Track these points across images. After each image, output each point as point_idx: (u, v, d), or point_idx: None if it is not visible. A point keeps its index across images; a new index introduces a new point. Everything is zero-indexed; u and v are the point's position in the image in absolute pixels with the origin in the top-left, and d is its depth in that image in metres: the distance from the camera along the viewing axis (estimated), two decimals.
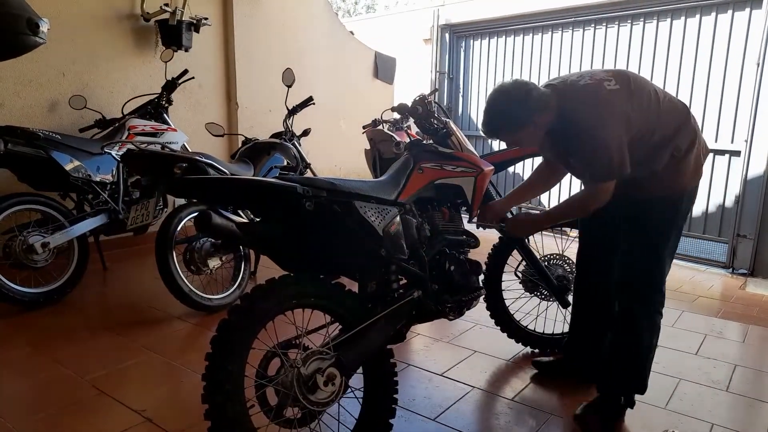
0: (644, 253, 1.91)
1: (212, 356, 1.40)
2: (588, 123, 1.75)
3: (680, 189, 1.88)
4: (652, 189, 1.87)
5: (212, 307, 2.93)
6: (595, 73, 1.84)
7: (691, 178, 1.89)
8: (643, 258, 1.92)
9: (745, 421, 2.06)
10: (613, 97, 1.76)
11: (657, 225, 1.89)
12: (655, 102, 1.82)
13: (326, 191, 1.58)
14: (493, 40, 6.44)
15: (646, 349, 1.95)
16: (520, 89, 1.76)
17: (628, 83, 1.80)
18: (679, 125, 1.84)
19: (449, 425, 1.95)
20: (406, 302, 1.79)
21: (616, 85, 1.78)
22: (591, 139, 1.75)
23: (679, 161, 1.84)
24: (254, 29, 4.93)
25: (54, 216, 2.99)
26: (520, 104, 1.75)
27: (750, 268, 4.39)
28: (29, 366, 2.32)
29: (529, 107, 1.75)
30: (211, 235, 2.73)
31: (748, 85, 4.48)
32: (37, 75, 3.62)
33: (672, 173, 1.85)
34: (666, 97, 1.87)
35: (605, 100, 1.76)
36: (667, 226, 1.89)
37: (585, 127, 1.76)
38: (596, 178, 1.81)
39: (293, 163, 3.63)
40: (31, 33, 1.83)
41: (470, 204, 2.11)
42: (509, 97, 1.76)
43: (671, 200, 1.88)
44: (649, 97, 1.81)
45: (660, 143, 1.82)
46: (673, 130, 1.83)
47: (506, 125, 1.80)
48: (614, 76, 1.81)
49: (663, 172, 1.84)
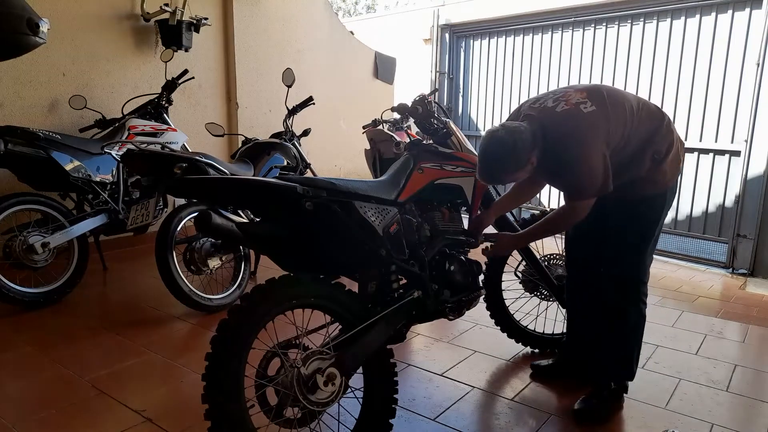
0: (631, 249, 2.00)
1: (212, 356, 1.40)
2: (572, 152, 1.80)
3: (663, 187, 1.96)
4: (638, 190, 1.94)
5: (212, 307, 2.93)
6: (569, 95, 1.86)
7: (672, 175, 1.96)
8: (629, 254, 2.01)
9: (745, 421, 2.06)
10: (591, 120, 1.80)
11: (643, 223, 1.98)
12: (630, 113, 1.86)
13: (326, 191, 1.58)
14: (493, 40, 6.44)
15: (633, 337, 2.07)
16: (512, 134, 1.77)
17: (603, 101, 1.83)
18: (656, 129, 1.90)
19: (449, 425, 1.95)
20: (406, 302, 1.80)
21: (592, 106, 1.81)
22: (577, 165, 1.80)
23: (660, 163, 1.91)
24: (254, 29, 4.93)
25: (54, 216, 2.99)
26: (514, 149, 1.77)
27: (750, 268, 4.39)
28: (29, 366, 2.32)
29: (525, 149, 1.78)
30: (211, 235, 2.72)
31: (748, 85, 4.48)
32: (37, 75, 3.62)
33: (654, 174, 1.92)
34: (641, 105, 1.92)
35: (585, 125, 1.79)
36: (653, 223, 1.99)
37: (570, 157, 1.80)
38: (582, 197, 1.85)
39: (293, 163, 3.63)
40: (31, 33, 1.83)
41: (470, 204, 2.11)
42: (504, 145, 1.77)
43: (656, 198, 1.97)
44: (624, 110, 1.85)
45: (639, 150, 1.88)
46: (651, 135, 1.89)
47: (507, 171, 1.82)
48: (588, 96, 1.84)
49: (646, 175, 1.91)
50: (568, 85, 2.04)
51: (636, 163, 1.89)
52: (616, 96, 1.88)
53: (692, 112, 4.94)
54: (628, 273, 2.02)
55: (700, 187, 4.90)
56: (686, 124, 4.96)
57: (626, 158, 1.87)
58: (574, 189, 1.87)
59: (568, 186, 1.90)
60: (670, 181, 1.96)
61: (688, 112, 4.96)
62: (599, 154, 1.78)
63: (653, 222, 1.98)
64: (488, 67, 6.54)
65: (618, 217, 1.99)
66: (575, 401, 2.06)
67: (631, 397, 2.16)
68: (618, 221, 2.00)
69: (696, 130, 4.92)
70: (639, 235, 1.98)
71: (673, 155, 1.93)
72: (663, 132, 1.91)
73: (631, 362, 2.09)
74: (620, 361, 2.08)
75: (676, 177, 1.99)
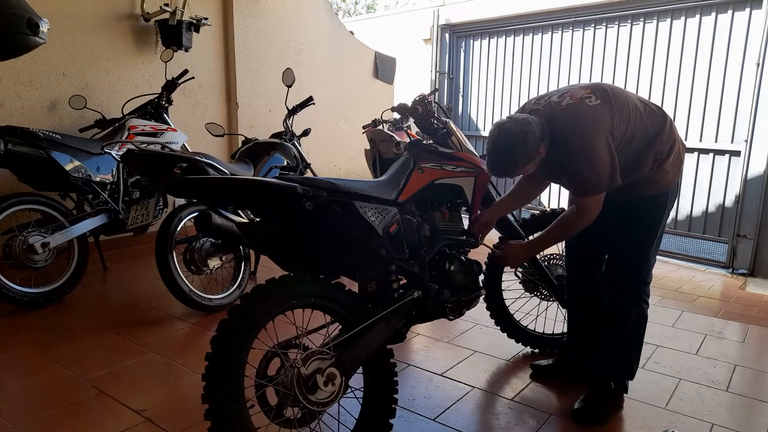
0: (634, 250, 2.00)
1: (212, 356, 1.40)
2: (579, 143, 1.79)
3: (665, 188, 1.96)
4: (640, 191, 1.94)
5: (212, 307, 2.93)
6: (573, 91, 1.88)
7: (674, 176, 1.97)
8: (632, 255, 2.01)
9: (745, 421, 2.06)
10: (597, 113, 1.80)
11: (646, 224, 1.98)
12: (634, 111, 1.87)
13: (326, 191, 1.58)
14: (493, 40, 6.44)
15: (635, 337, 2.07)
16: (522, 125, 1.77)
17: (607, 96, 1.84)
18: (659, 130, 1.90)
19: (449, 425, 1.95)
20: (406, 302, 1.80)
21: (597, 100, 1.82)
22: (585, 159, 1.79)
23: (662, 163, 1.91)
24: (254, 29, 4.93)
25: (54, 216, 2.99)
26: (525, 141, 1.77)
27: (750, 268, 4.39)
28: (29, 366, 2.32)
29: (535, 140, 1.78)
30: (211, 235, 2.73)
31: (748, 85, 4.48)
32: (37, 75, 3.62)
33: (656, 174, 1.92)
34: (644, 104, 1.93)
35: (591, 117, 1.80)
36: (655, 223, 1.99)
37: (577, 148, 1.80)
38: (589, 194, 1.84)
39: (293, 163, 3.63)
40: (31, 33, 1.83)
41: (470, 204, 2.11)
42: (514, 137, 1.77)
43: (658, 199, 1.97)
44: (628, 107, 1.86)
45: (643, 149, 1.88)
46: (654, 135, 1.89)
47: (518, 163, 1.81)
48: (593, 91, 1.85)
49: (648, 175, 1.92)
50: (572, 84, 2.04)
51: (639, 163, 1.89)
52: (619, 94, 1.89)
53: (692, 112, 4.94)
54: (631, 273, 2.02)
55: (700, 187, 4.90)
56: (686, 124, 4.97)
57: (631, 157, 1.86)
58: (582, 182, 1.83)
59: (575, 180, 1.87)
60: (671, 182, 1.96)
61: (688, 112, 4.96)
62: (605, 145, 1.77)
63: (655, 222, 1.98)
64: (488, 67, 6.54)
65: (620, 218, 1.99)
66: (575, 401, 2.06)
67: (631, 397, 2.16)
68: (620, 222, 1.99)
69: (696, 130, 4.92)
70: (641, 235, 1.98)
71: (675, 156, 1.94)
72: (666, 132, 1.91)
73: (631, 362, 2.09)
74: (620, 360, 2.08)
75: (677, 178, 1.99)
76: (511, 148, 1.78)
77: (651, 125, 1.89)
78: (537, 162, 1.84)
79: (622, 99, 1.86)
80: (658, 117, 1.93)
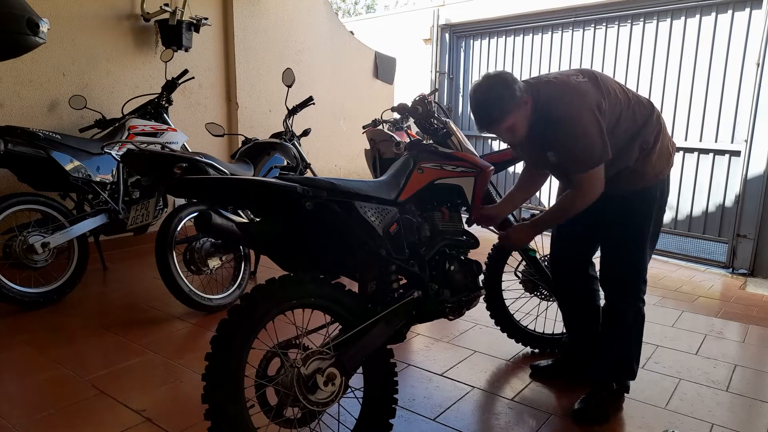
0: (628, 248, 2.01)
1: (212, 356, 1.40)
2: (564, 112, 1.81)
3: (653, 180, 1.96)
4: (627, 184, 1.94)
5: (212, 307, 2.93)
6: (562, 72, 1.95)
7: (661, 169, 1.96)
8: (627, 253, 2.01)
9: (745, 421, 2.06)
10: (582, 87, 1.84)
11: (636, 220, 1.98)
12: (622, 93, 1.91)
13: (326, 191, 1.58)
14: (493, 40, 6.44)
15: (634, 336, 2.07)
16: (501, 72, 1.85)
17: (594, 78, 1.89)
18: (646, 119, 1.93)
19: (449, 425, 1.95)
20: (406, 302, 1.80)
21: (584, 78, 1.88)
22: (571, 128, 1.80)
23: (648, 153, 1.92)
24: (254, 29, 4.93)
25: (54, 216, 2.99)
26: (506, 83, 1.80)
27: (750, 268, 4.39)
28: (29, 366, 2.32)
29: (519, 86, 1.82)
30: (211, 235, 2.73)
31: (748, 85, 4.48)
32: (37, 75, 3.62)
33: (643, 165, 1.93)
34: (632, 92, 1.96)
35: (576, 89, 1.84)
36: (646, 219, 1.98)
37: (562, 117, 1.81)
38: (583, 168, 1.83)
39: (293, 163, 3.63)
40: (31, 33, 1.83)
41: (470, 204, 2.11)
42: (495, 79, 1.83)
43: (646, 193, 1.97)
44: (615, 90, 1.90)
45: (629, 138, 1.90)
46: (641, 124, 1.91)
47: (503, 108, 1.81)
48: (581, 72, 1.92)
49: (635, 166, 1.92)
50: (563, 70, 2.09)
51: (625, 152, 1.90)
52: (608, 79, 1.94)
53: (692, 112, 4.94)
54: (626, 271, 2.02)
55: (700, 187, 4.90)
56: (686, 124, 4.97)
57: (617, 144, 1.86)
58: (573, 156, 1.83)
59: (565, 153, 1.86)
60: (659, 174, 1.96)
61: (688, 112, 4.96)
62: (591, 117, 1.79)
63: (645, 218, 1.97)
64: (488, 67, 6.54)
65: (610, 214, 1.99)
66: (575, 401, 2.06)
67: (631, 397, 2.16)
68: (610, 219, 2.00)
69: (696, 130, 4.92)
70: (633, 232, 1.98)
71: (662, 148, 1.94)
72: (653, 123, 1.93)
73: (631, 362, 2.09)
74: (620, 361, 2.08)
75: (665, 173, 1.99)
76: (494, 91, 1.80)
77: (638, 115, 1.91)
78: (525, 114, 1.84)
79: (610, 84, 1.90)
80: (646, 107, 1.95)
